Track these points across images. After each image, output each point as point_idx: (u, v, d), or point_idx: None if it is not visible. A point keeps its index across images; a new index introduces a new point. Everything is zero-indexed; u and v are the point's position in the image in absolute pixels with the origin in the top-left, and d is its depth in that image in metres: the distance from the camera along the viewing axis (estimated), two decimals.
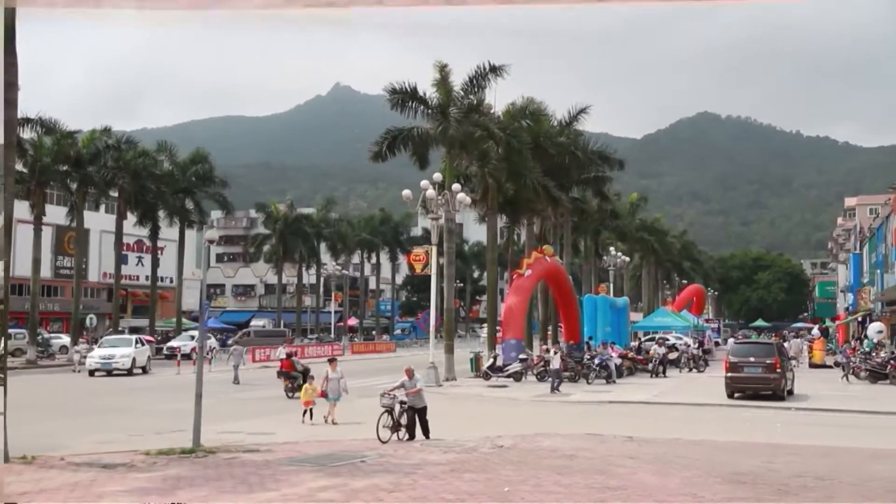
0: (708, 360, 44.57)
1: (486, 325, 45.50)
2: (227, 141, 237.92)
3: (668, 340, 43.69)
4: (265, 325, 78.90)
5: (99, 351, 39.32)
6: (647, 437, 16.81)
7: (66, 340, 53.82)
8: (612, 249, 62.04)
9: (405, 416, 16.30)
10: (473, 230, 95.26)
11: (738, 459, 14.00)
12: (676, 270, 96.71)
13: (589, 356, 33.69)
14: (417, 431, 16.38)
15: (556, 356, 29.07)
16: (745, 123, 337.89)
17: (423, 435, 16.36)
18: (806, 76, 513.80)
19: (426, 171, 37.98)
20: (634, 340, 49.31)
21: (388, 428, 16.05)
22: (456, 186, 34.45)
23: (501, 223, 51.34)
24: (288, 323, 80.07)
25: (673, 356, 39.87)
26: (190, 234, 67.12)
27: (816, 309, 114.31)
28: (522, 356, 34.19)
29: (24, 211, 51.18)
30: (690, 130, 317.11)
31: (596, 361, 32.83)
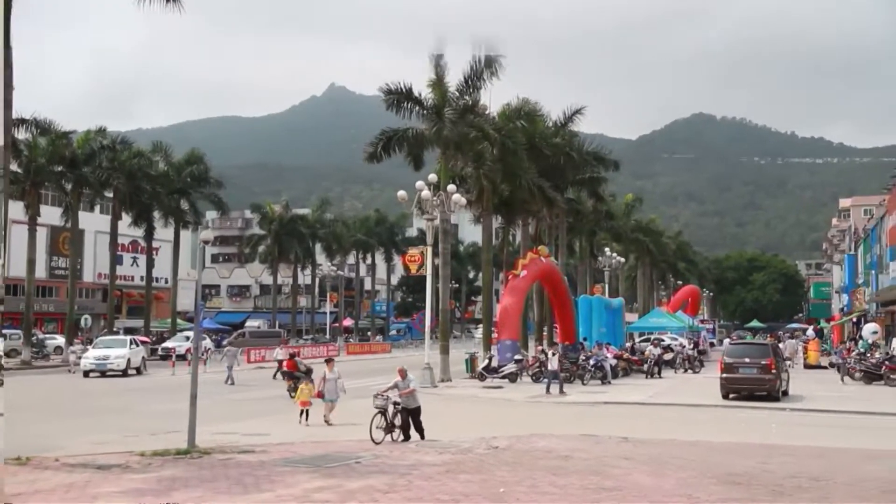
0: (703, 360, 44.66)
1: (481, 325, 45.54)
2: (222, 141, 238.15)
3: (663, 341, 43.74)
4: (260, 325, 78.77)
5: (94, 352, 39.30)
6: (642, 437, 16.83)
7: (60, 341, 53.76)
8: (607, 250, 62.08)
9: (399, 417, 16.31)
10: (469, 231, 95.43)
11: (733, 460, 14.02)
12: (671, 271, 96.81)
13: (584, 357, 33.72)
14: (412, 432, 16.38)
15: (553, 357, 29.01)
16: (740, 124, 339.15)
17: (417, 436, 16.35)
18: (801, 77, 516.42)
19: (421, 171, 37.95)
20: (629, 341, 49.32)
21: (381, 429, 16.05)
22: (451, 187, 34.52)
23: (497, 224, 51.32)
24: (283, 324, 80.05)
25: (668, 357, 39.99)
26: (185, 234, 67.15)
27: (811, 310, 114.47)
28: (518, 357, 34.21)
29: (18, 211, 51.22)
30: (685, 131, 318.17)
31: (591, 362, 32.85)
